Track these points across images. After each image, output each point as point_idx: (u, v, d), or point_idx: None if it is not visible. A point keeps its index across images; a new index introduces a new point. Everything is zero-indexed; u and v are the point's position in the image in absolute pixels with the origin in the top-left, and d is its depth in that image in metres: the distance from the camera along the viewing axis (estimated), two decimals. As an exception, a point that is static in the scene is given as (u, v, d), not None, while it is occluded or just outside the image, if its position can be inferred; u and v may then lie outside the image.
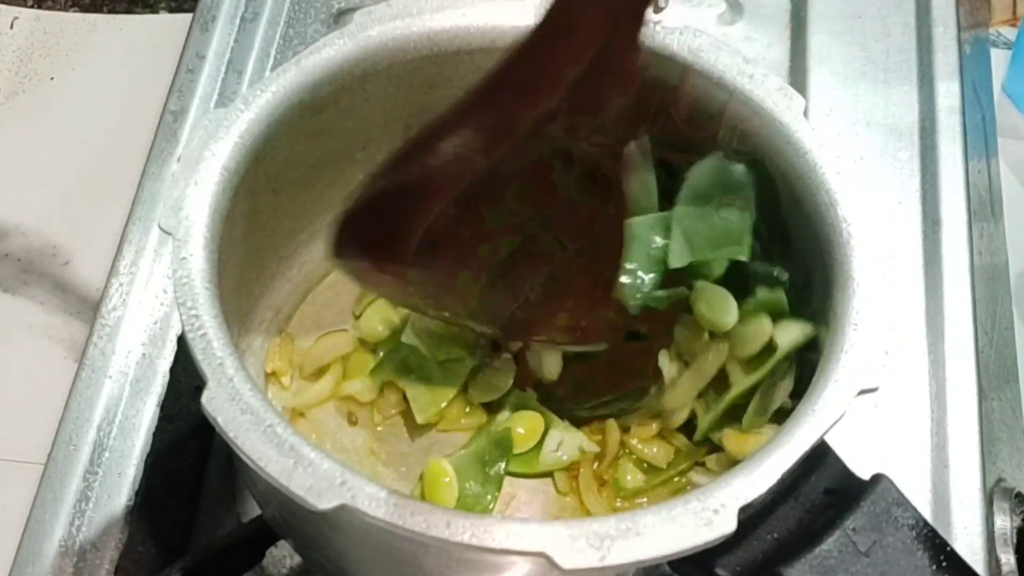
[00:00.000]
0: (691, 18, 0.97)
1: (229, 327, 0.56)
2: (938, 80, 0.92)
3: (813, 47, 0.95)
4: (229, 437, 0.51)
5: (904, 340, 0.81)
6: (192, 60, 0.93)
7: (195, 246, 0.56)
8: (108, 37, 1.02)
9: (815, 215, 0.61)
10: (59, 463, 0.75)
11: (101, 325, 0.80)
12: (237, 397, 0.52)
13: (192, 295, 0.55)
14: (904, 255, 0.85)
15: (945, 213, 0.87)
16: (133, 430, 0.77)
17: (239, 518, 0.75)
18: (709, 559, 0.54)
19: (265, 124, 0.62)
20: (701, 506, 0.51)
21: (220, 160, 0.60)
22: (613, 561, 0.49)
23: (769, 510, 0.55)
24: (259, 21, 0.96)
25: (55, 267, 0.89)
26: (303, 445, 0.51)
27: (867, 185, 0.88)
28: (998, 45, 1.03)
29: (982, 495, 0.76)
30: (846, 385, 0.55)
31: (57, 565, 0.72)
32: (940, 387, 0.80)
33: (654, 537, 0.50)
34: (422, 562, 0.57)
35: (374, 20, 0.65)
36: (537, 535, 0.50)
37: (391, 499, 0.50)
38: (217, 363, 0.53)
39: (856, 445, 0.74)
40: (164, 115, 0.91)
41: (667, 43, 0.66)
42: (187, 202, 0.58)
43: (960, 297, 0.83)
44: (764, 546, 0.54)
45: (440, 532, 0.49)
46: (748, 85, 0.64)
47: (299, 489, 0.50)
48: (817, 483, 0.56)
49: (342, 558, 0.62)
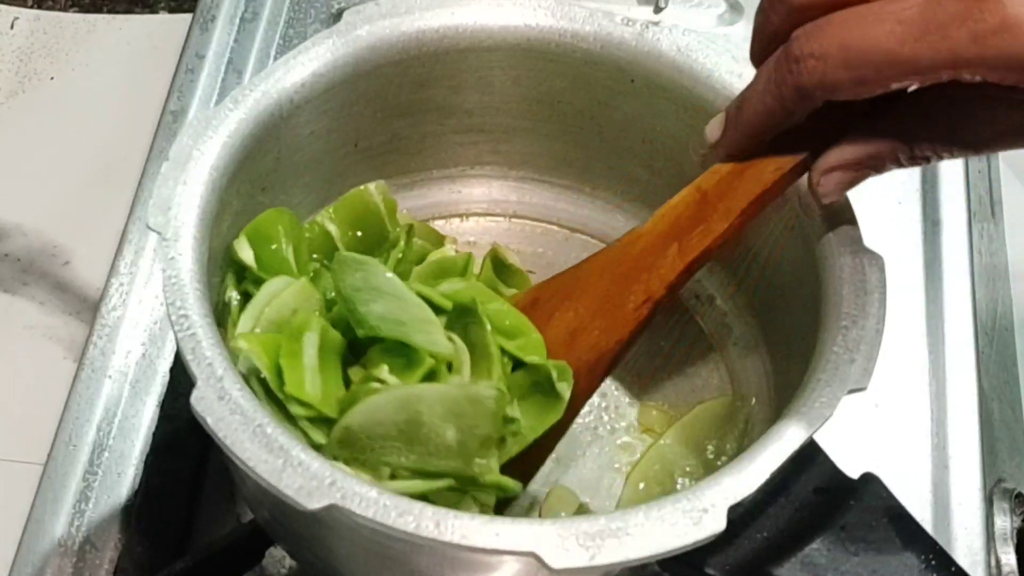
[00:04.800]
0: (691, 18, 0.97)
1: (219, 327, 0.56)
2: (938, 80, 0.92)
3: (813, 47, 0.94)
4: (218, 437, 0.51)
5: (904, 340, 0.81)
6: (192, 60, 0.93)
7: (184, 245, 0.56)
8: (108, 37, 1.02)
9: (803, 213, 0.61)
10: (59, 463, 0.75)
11: (101, 325, 0.81)
12: (226, 397, 0.52)
13: (181, 294, 0.55)
14: (904, 255, 0.85)
15: (945, 213, 0.87)
16: (133, 430, 0.77)
17: (239, 518, 0.76)
18: (699, 558, 0.53)
19: (254, 123, 0.62)
20: (691, 505, 0.51)
21: (209, 159, 0.60)
22: (602, 560, 0.49)
23: (759, 509, 0.55)
24: (259, 21, 0.96)
25: (55, 267, 0.89)
26: (293, 445, 0.51)
27: (867, 185, 0.87)
28: (998, 44, 1.02)
29: (982, 495, 0.76)
30: (835, 385, 0.55)
31: (56, 565, 0.72)
32: (940, 387, 0.80)
33: (643, 536, 0.50)
34: (413, 561, 0.57)
35: (363, 19, 0.65)
36: (527, 535, 0.50)
37: (381, 499, 0.50)
38: (206, 363, 0.53)
39: (856, 445, 0.75)
40: (164, 115, 0.91)
41: (656, 42, 0.66)
42: (176, 201, 0.58)
43: (960, 297, 0.83)
44: (754, 545, 0.54)
45: (429, 532, 0.49)
46: (737, 84, 0.64)
47: (288, 489, 0.50)
48: (807, 482, 0.55)
49: (333, 558, 0.62)
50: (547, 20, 0.67)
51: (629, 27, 0.67)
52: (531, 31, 0.67)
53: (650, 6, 0.97)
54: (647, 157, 0.72)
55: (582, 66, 0.68)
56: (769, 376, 0.69)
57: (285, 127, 0.64)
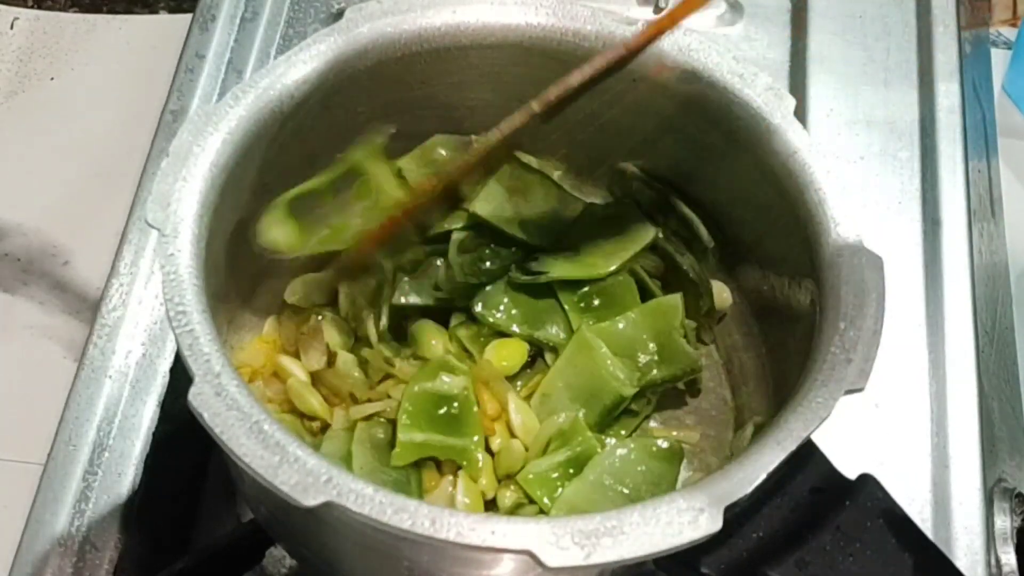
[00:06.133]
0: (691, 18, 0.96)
1: (217, 323, 0.56)
2: (938, 80, 0.92)
3: (813, 47, 0.95)
4: (215, 433, 0.51)
5: (904, 340, 0.81)
6: (192, 60, 0.93)
7: (183, 242, 0.56)
8: (108, 37, 1.02)
9: (804, 214, 0.61)
10: (59, 463, 0.75)
11: (101, 325, 0.80)
12: (224, 393, 0.52)
13: (179, 291, 0.55)
14: (904, 255, 0.85)
15: (945, 213, 0.86)
16: (133, 430, 0.77)
17: (239, 518, 0.76)
18: (694, 557, 0.53)
19: (255, 120, 0.62)
20: (687, 504, 0.51)
21: (209, 156, 0.59)
22: (598, 559, 0.49)
23: (755, 509, 0.55)
24: (259, 21, 0.96)
25: (55, 267, 0.89)
26: (290, 442, 0.51)
27: (867, 185, 0.88)
28: (998, 45, 1.03)
29: (982, 495, 0.75)
30: (832, 386, 0.54)
31: (56, 565, 0.72)
32: (940, 387, 0.80)
33: (639, 535, 0.50)
34: (409, 558, 0.57)
35: (365, 17, 0.65)
36: (522, 533, 0.50)
37: (377, 496, 0.50)
38: (204, 359, 0.53)
39: (856, 445, 0.75)
40: (164, 115, 0.91)
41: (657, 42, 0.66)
42: (175, 197, 0.58)
43: (960, 297, 0.83)
44: (749, 545, 0.54)
45: (425, 530, 0.49)
46: (738, 84, 0.64)
47: (284, 486, 0.50)
48: (803, 482, 0.55)
49: (331, 554, 0.62)
50: (549, 19, 0.67)
51: (630, 27, 0.67)
52: (533, 30, 0.67)
53: (650, 6, 0.97)
54: (647, 156, 0.72)
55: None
56: (767, 377, 0.69)
57: (286, 124, 0.64)
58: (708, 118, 0.65)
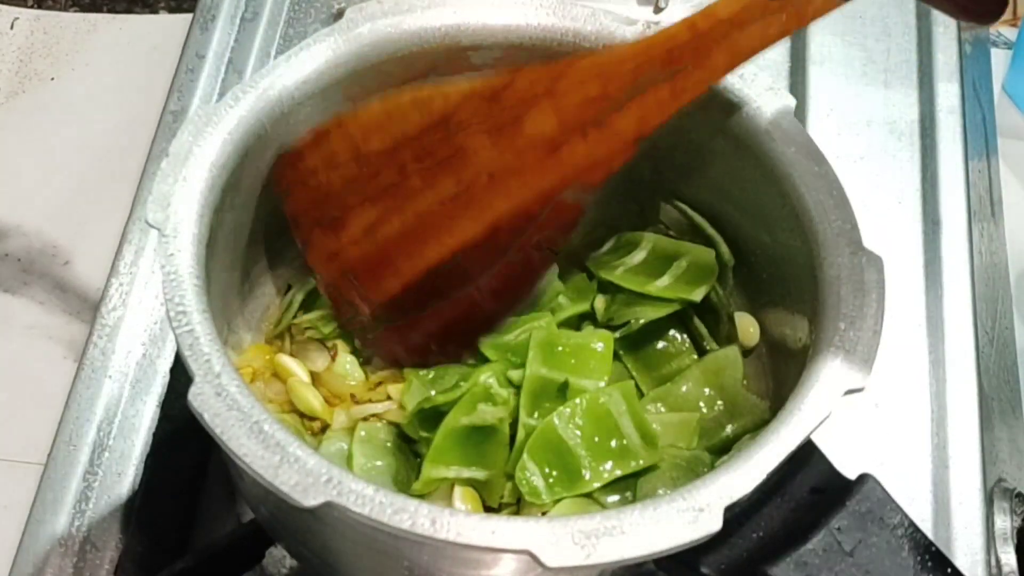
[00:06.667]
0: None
1: (217, 323, 0.56)
2: (938, 80, 0.92)
3: (813, 47, 0.95)
4: (215, 433, 0.51)
5: (904, 340, 0.81)
6: (192, 60, 0.93)
7: (183, 241, 0.56)
8: (108, 37, 1.02)
9: (804, 215, 0.61)
10: (59, 463, 0.75)
11: (101, 325, 0.80)
12: (223, 393, 0.52)
13: (180, 291, 0.55)
14: (904, 255, 0.85)
15: (945, 213, 0.86)
16: (133, 430, 0.77)
17: (239, 518, 0.76)
18: (694, 557, 0.53)
19: (255, 120, 0.62)
20: (687, 504, 0.51)
21: (209, 156, 0.59)
22: (598, 559, 0.49)
23: (755, 509, 0.54)
24: (259, 21, 0.96)
25: (55, 267, 0.89)
26: (290, 442, 0.51)
27: (867, 185, 0.88)
28: (998, 45, 1.03)
29: (982, 495, 0.75)
30: (832, 385, 0.55)
31: (57, 565, 0.72)
32: (940, 387, 0.80)
33: (639, 535, 0.50)
34: (409, 558, 0.57)
35: (365, 17, 0.65)
36: (522, 533, 0.50)
37: (377, 496, 0.50)
38: (204, 359, 0.53)
39: (856, 445, 0.75)
40: (164, 115, 0.91)
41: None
42: (175, 197, 0.58)
43: (960, 297, 0.83)
44: (749, 545, 0.54)
45: (425, 530, 0.49)
46: (738, 83, 0.64)
47: (284, 486, 0.50)
48: (803, 482, 0.55)
49: (331, 554, 0.62)
50: (549, 19, 0.67)
51: (630, 27, 0.67)
52: (533, 30, 0.67)
53: (650, 6, 0.97)
54: (648, 156, 0.72)
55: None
56: (767, 376, 0.69)
57: (286, 124, 0.64)
58: (712, 122, 0.65)
